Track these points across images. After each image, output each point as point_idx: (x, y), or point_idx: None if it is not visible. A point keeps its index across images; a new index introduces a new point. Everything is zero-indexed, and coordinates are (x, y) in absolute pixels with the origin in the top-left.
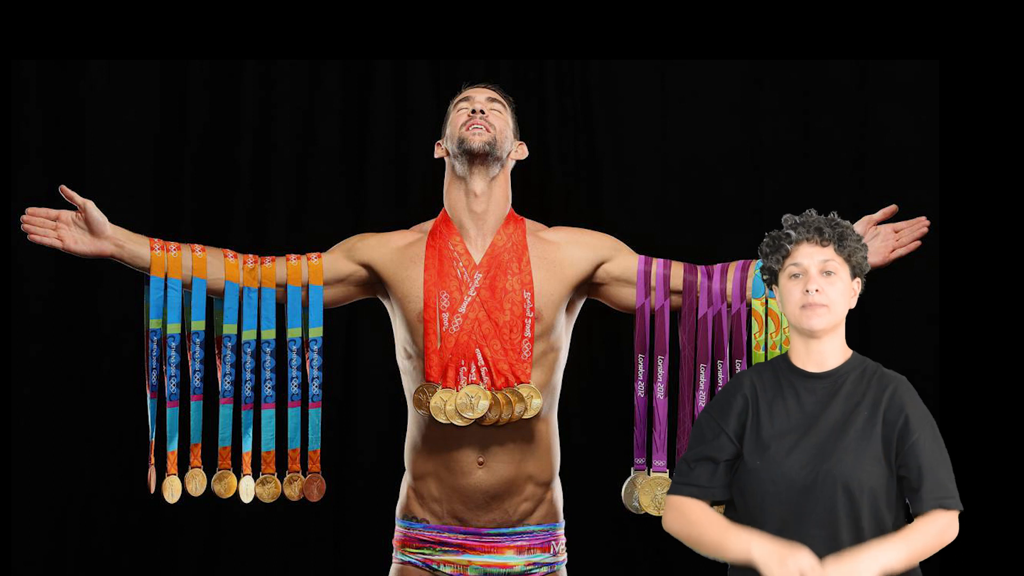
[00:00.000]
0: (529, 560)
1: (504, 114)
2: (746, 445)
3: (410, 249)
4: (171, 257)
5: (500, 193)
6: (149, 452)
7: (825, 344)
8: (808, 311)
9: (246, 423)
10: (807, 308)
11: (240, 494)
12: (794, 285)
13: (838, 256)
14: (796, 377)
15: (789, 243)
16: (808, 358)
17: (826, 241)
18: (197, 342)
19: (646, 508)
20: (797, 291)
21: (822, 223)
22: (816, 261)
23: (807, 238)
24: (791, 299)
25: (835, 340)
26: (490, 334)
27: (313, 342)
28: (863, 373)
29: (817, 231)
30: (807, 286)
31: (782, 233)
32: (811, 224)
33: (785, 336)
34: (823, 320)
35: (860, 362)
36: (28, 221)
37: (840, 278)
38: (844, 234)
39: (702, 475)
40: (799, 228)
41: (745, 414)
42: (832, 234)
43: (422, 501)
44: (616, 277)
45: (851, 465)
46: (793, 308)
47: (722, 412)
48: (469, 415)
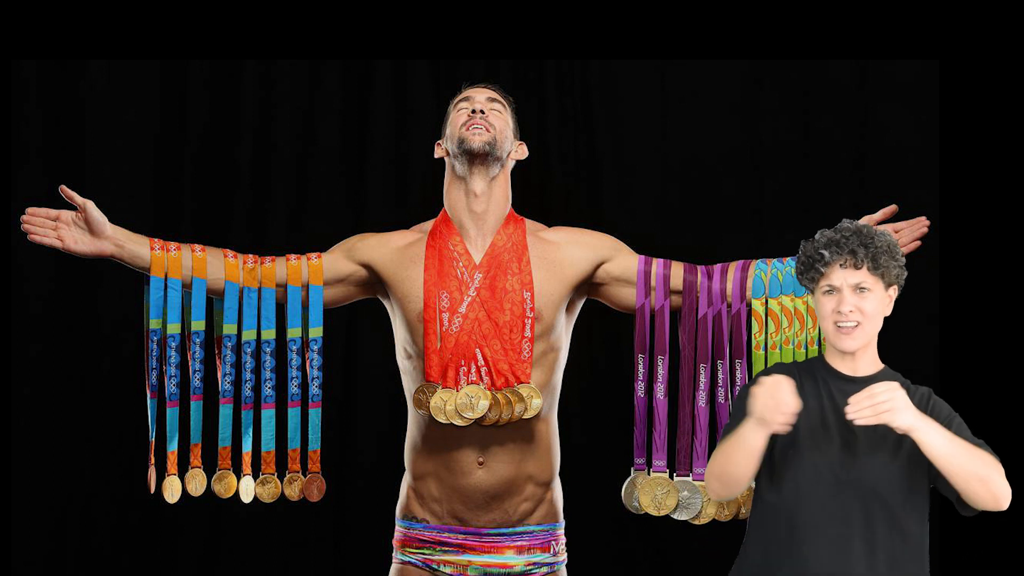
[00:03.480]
0: (529, 560)
1: (504, 114)
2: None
3: (410, 249)
4: (171, 257)
5: (500, 193)
6: (149, 452)
7: (858, 356)
8: (842, 332)
9: (246, 423)
10: (840, 329)
11: (240, 494)
12: (828, 300)
13: (872, 275)
14: (832, 378)
15: (822, 265)
16: (842, 362)
17: (860, 263)
18: (197, 342)
19: (646, 508)
20: (830, 307)
21: (855, 244)
22: (850, 283)
23: (840, 262)
24: (824, 312)
25: (868, 353)
26: (490, 334)
27: (313, 342)
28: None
29: (851, 253)
30: (840, 307)
31: (816, 252)
32: (845, 246)
33: (785, 336)
34: (856, 341)
35: (891, 375)
36: (28, 221)
37: (874, 293)
38: (877, 254)
39: None
40: (832, 249)
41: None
42: (866, 255)
43: (422, 501)
44: (616, 277)
45: (882, 465)
46: (828, 324)
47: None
48: (469, 415)
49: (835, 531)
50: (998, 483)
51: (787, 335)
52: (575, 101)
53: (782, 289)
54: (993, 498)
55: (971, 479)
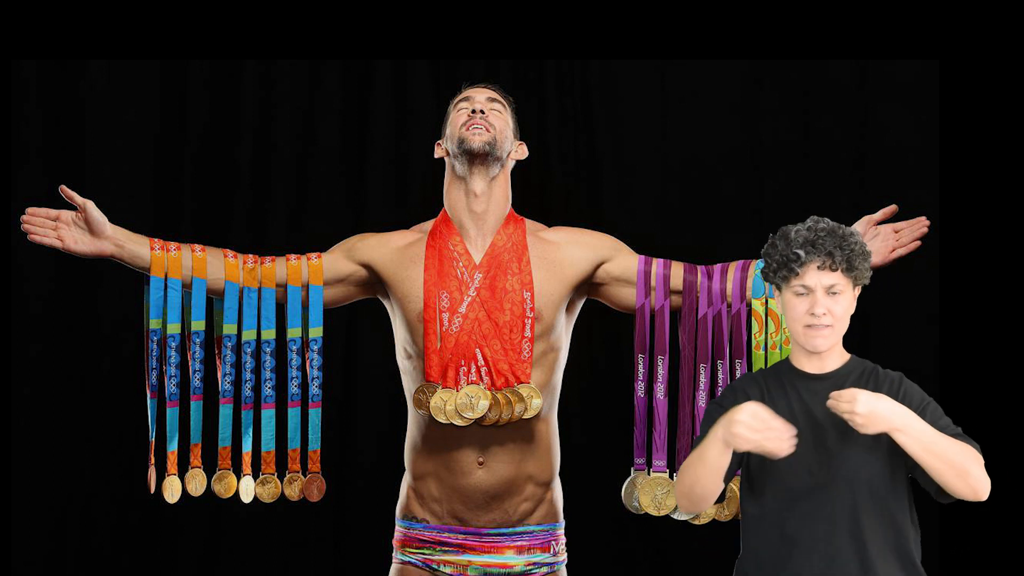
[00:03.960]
0: (529, 560)
1: (504, 114)
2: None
3: (410, 249)
4: (171, 257)
5: (500, 193)
6: (149, 452)
7: (825, 352)
8: (812, 331)
9: (246, 423)
10: (811, 328)
11: (240, 494)
12: (799, 302)
13: (845, 277)
14: (798, 379)
15: (798, 265)
16: (808, 361)
17: (835, 266)
18: (197, 342)
19: (646, 508)
20: (801, 308)
21: (832, 246)
22: (823, 284)
23: (817, 263)
24: (795, 314)
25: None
26: (490, 334)
27: (313, 342)
28: (862, 374)
29: (828, 255)
30: (814, 309)
31: (791, 252)
32: (821, 247)
33: (785, 336)
34: (827, 341)
35: (859, 364)
36: (28, 221)
37: (845, 296)
38: (852, 256)
39: None
40: (808, 249)
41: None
42: (841, 258)
43: (422, 501)
44: (616, 277)
45: (860, 461)
46: (797, 325)
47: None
48: (469, 415)
49: (822, 530)
50: (977, 476)
51: (787, 335)
52: (575, 101)
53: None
54: (972, 491)
55: (949, 473)
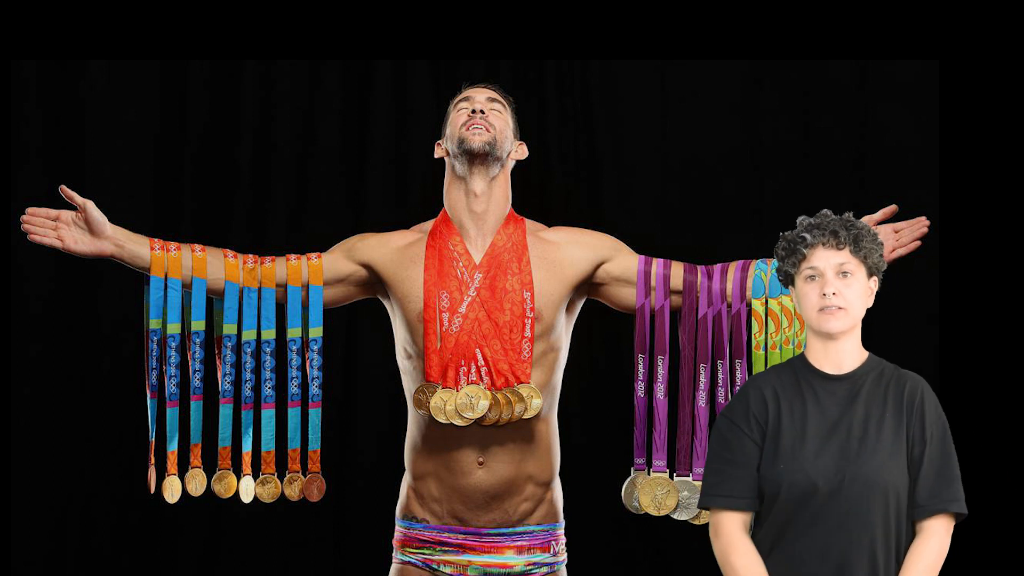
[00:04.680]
0: (529, 560)
1: (504, 114)
2: (767, 448)
3: (410, 249)
4: (171, 257)
5: (500, 193)
6: (149, 452)
7: (843, 345)
8: (825, 314)
9: (246, 423)
10: (824, 311)
11: (240, 494)
12: (811, 288)
13: (854, 258)
14: (815, 379)
15: (804, 247)
16: (826, 359)
17: (842, 244)
18: (197, 342)
19: (646, 508)
20: (814, 294)
21: (837, 225)
22: (832, 264)
23: (822, 241)
24: (808, 302)
25: (852, 341)
26: (490, 334)
27: (313, 342)
28: (881, 375)
29: (832, 234)
30: (824, 289)
31: (797, 236)
32: (826, 227)
33: (785, 336)
34: (841, 323)
35: (877, 363)
36: (28, 221)
37: (857, 279)
38: (859, 236)
39: (735, 485)
40: (814, 231)
41: (765, 416)
42: (847, 236)
43: (422, 501)
44: (616, 277)
45: (878, 467)
46: (811, 311)
47: (743, 416)
48: (469, 415)
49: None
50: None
51: (787, 335)
52: (575, 101)
53: (782, 289)
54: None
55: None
